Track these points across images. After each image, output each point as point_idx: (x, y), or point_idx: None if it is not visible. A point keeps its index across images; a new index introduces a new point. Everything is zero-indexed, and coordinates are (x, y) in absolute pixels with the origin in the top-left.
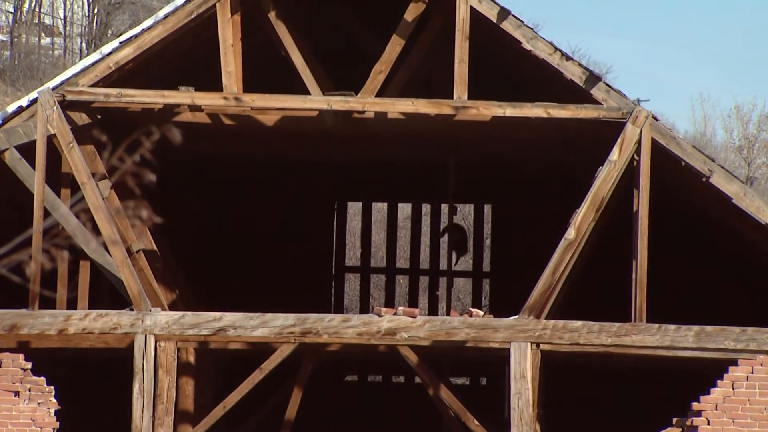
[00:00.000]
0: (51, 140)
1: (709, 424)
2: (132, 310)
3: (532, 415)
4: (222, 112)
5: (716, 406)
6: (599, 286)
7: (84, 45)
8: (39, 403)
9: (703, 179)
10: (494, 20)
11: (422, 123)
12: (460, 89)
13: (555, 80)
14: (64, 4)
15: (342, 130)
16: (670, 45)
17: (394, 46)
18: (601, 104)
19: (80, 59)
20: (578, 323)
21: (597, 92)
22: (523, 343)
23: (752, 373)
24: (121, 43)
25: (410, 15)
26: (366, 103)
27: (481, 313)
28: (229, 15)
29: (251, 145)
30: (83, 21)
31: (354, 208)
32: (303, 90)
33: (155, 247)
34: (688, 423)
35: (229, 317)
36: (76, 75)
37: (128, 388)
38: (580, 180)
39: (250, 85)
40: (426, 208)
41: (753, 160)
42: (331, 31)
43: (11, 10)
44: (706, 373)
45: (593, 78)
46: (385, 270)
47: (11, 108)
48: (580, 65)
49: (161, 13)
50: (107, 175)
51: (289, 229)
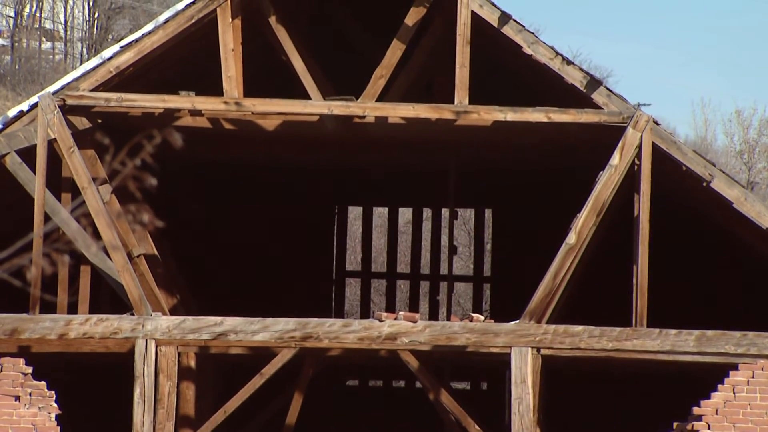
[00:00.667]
0: (51, 145)
1: (710, 429)
2: (133, 314)
3: (533, 420)
4: (222, 116)
5: (717, 410)
6: (600, 290)
7: (84, 49)
8: (40, 408)
9: (704, 184)
10: (495, 25)
11: (423, 128)
12: (461, 94)
13: (556, 85)
14: (65, 8)
15: (342, 135)
16: (671, 50)
17: (395, 51)
18: (602, 109)
19: (81, 64)
20: (579, 328)
21: (598, 97)
22: (524, 348)
23: (753, 377)
24: (121, 47)
25: (411, 19)
26: (367, 107)
27: (482, 317)
28: (230, 19)
29: (252, 149)
30: (84, 25)
31: (354, 213)
32: (303, 94)
33: (156, 252)
34: (689, 427)
35: (230, 322)
36: (76, 79)
37: (129, 392)
38: (581, 184)
39: (251, 89)
40: (427, 213)
41: (754, 164)
42: (331, 36)
43: (12, 14)
44: (707, 377)
45: (594, 82)
46: (385, 275)
47: (12, 112)
48: (581, 70)
49: (162, 17)
50: (108, 180)
51: (289, 234)
